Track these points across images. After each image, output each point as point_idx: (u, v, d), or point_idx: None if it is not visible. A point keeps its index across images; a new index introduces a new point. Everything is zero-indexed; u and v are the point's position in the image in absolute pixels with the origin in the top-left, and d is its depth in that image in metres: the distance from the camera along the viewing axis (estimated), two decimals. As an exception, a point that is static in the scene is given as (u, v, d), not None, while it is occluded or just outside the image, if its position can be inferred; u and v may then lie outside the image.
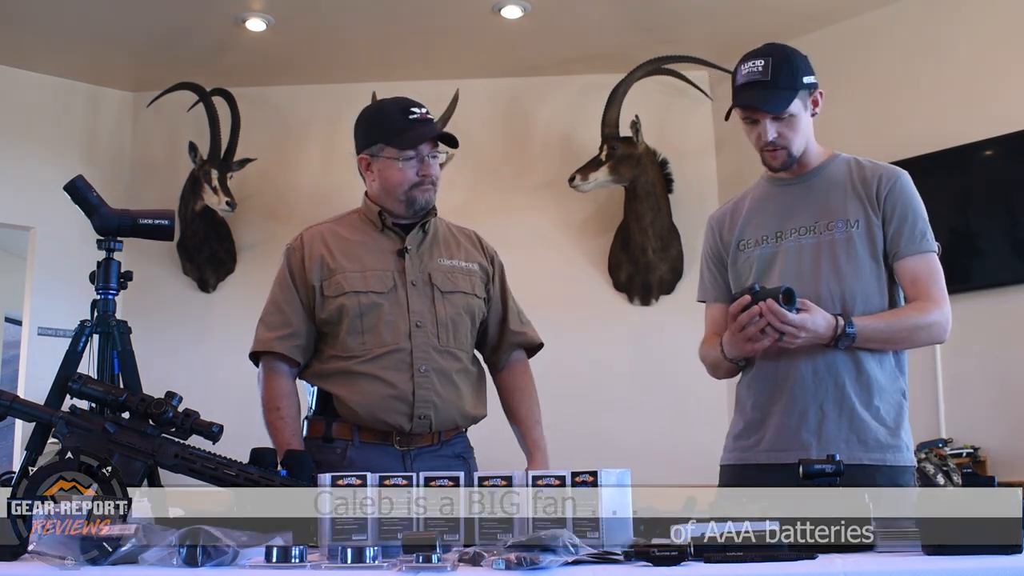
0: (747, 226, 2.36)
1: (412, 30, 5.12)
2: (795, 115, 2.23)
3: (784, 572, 1.37)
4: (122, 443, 1.83)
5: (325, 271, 2.41)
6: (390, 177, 2.41)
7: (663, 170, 5.29)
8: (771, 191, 2.37)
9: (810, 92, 2.25)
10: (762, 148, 2.28)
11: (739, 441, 2.32)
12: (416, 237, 2.46)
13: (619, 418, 5.17)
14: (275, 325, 2.42)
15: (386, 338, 2.35)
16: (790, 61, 2.23)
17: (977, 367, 4.46)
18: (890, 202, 2.25)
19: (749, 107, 2.23)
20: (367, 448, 2.34)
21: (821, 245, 2.26)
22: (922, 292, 2.24)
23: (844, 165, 2.33)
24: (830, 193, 2.29)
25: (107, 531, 1.45)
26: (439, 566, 1.38)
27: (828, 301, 2.21)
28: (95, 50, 5.33)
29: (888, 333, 2.21)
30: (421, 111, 2.40)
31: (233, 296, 5.58)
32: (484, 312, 2.52)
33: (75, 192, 2.77)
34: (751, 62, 2.24)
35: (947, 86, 4.69)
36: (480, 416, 2.49)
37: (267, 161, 5.60)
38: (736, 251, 2.36)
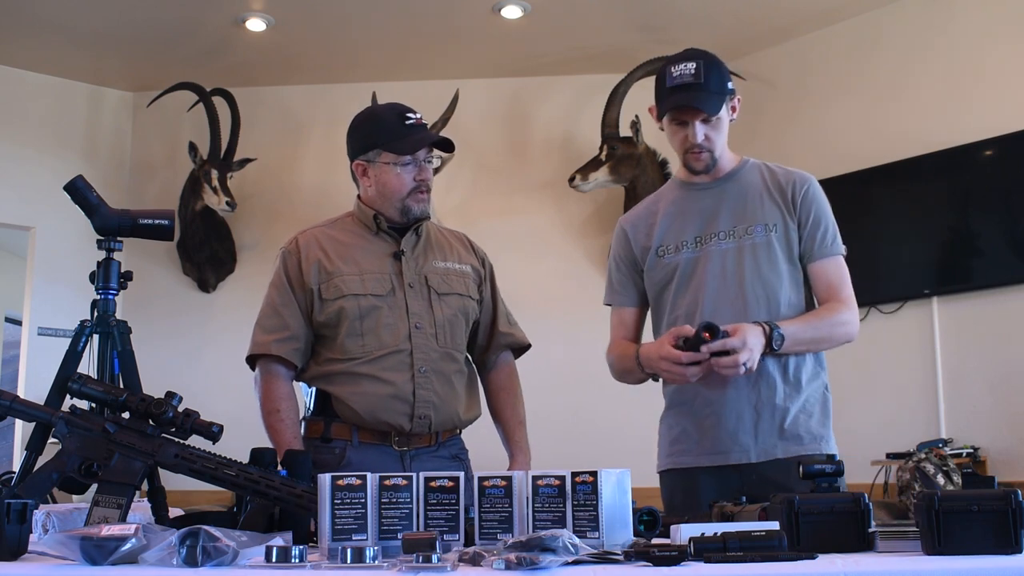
0: (666, 232, 2.39)
1: (412, 30, 5.12)
2: (721, 118, 2.30)
3: (784, 572, 1.37)
4: (122, 443, 1.83)
5: (323, 274, 2.40)
6: (387, 183, 2.41)
7: (663, 170, 5.28)
8: (687, 196, 2.40)
9: (731, 98, 2.33)
10: (687, 150, 2.33)
11: (676, 446, 2.36)
12: (410, 240, 2.47)
13: (619, 418, 5.16)
14: (272, 328, 2.41)
15: (386, 340, 2.36)
16: (718, 66, 2.31)
17: (977, 367, 4.46)
18: (804, 207, 2.32)
19: (686, 107, 2.28)
20: (366, 448, 2.35)
21: (742, 248, 2.31)
22: (834, 294, 2.31)
23: (756, 171, 2.39)
24: (747, 198, 2.35)
25: (107, 531, 1.45)
26: (439, 566, 1.38)
27: (754, 303, 2.27)
28: (95, 50, 5.33)
29: (812, 335, 2.27)
30: (416, 116, 2.42)
31: (233, 296, 5.58)
32: (477, 313, 2.53)
33: (75, 192, 2.77)
34: (682, 64, 2.30)
35: (947, 86, 4.69)
36: (475, 417, 2.51)
37: (267, 161, 5.61)
38: (655, 257, 2.39)
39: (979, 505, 1.44)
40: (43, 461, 1.91)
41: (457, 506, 1.65)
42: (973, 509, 1.44)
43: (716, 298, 2.28)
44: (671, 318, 2.36)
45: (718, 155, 2.33)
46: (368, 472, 1.68)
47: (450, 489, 1.65)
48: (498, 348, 2.58)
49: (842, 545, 1.54)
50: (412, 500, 1.64)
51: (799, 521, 1.55)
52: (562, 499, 1.63)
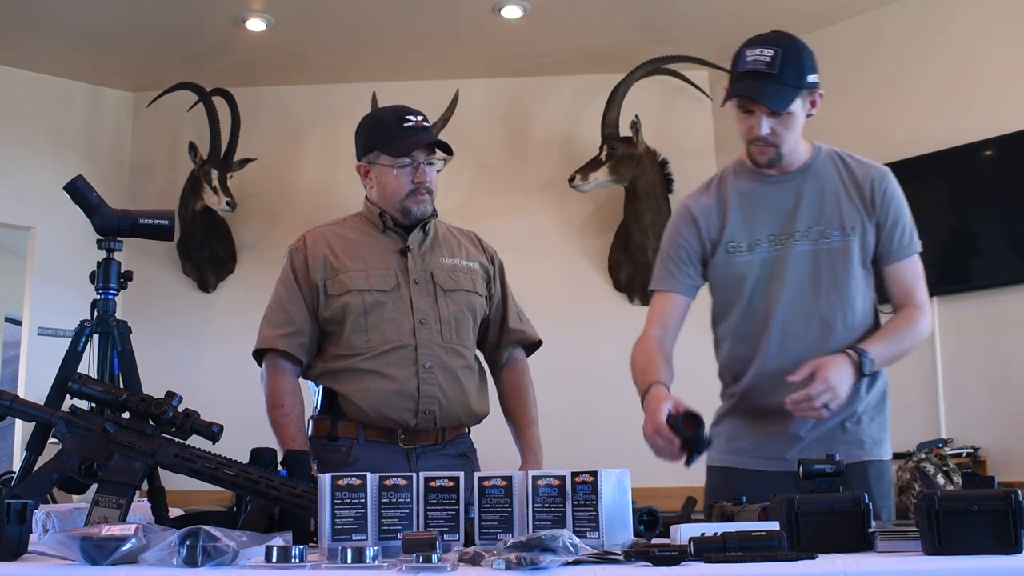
0: (738, 227, 2.26)
1: (412, 30, 5.12)
2: (793, 114, 2.15)
3: (784, 572, 1.37)
4: (122, 443, 1.83)
5: (329, 270, 2.43)
6: (386, 185, 2.44)
7: (663, 170, 5.28)
8: (758, 189, 2.27)
9: (811, 92, 2.17)
10: (751, 141, 2.19)
11: (733, 443, 2.31)
12: (417, 237, 2.49)
13: (618, 418, 5.15)
14: (279, 323, 2.44)
15: (390, 335, 2.38)
16: (798, 57, 2.14)
17: (977, 367, 4.46)
18: (884, 207, 2.22)
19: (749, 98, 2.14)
20: (372, 446, 2.37)
21: (819, 253, 2.21)
22: (909, 298, 2.24)
23: (831, 162, 2.26)
24: (824, 195, 2.23)
25: (107, 531, 1.45)
26: (439, 566, 1.38)
27: (829, 314, 2.20)
28: (95, 50, 5.33)
29: (897, 350, 2.22)
30: (417, 119, 2.43)
31: (233, 296, 5.58)
32: (485, 310, 2.55)
33: (75, 192, 2.77)
34: (758, 50, 2.14)
35: (947, 86, 4.69)
36: (483, 414, 2.50)
37: (267, 161, 5.60)
38: (725, 253, 2.27)
39: (979, 505, 1.44)
40: (43, 461, 1.91)
41: (457, 506, 1.65)
42: (973, 509, 1.44)
43: (790, 308, 2.19)
44: (740, 323, 2.26)
45: (786, 151, 2.19)
46: (373, 470, 1.68)
47: (450, 489, 1.65)
48: (508, 344, 2.59)
49: (842, 545, 1.54)
50: (412, 500, 1.64)
51: (799, 521, 1.55)
52: (562, 499, 1.63)
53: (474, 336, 2.52)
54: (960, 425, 4.45)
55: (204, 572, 1.39)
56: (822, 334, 2.20)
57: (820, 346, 2.18)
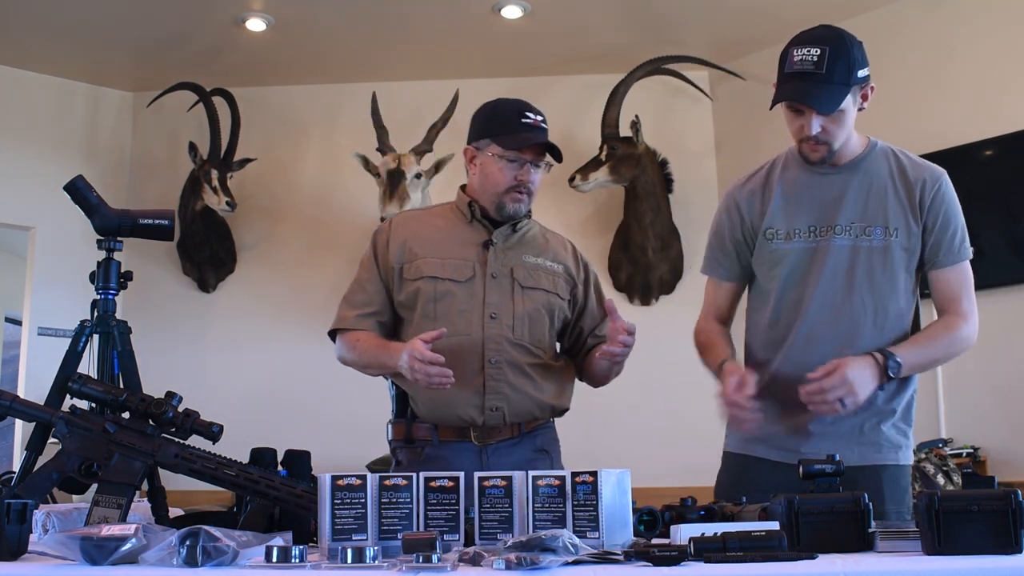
0: (778, 214, 2.23)
1: (412, 30, 5.12)
2: (844, 111, 2.10)
3: (784, 572, 1.37)
4: (122, 443, 1.83)
5: (407, 254, 2.42)
6: (489, 174, 2.42)
7: (663, 170, 5.28)
8: (806, 179, 2.23)
9: (862, 87, 2.13)
10: (802, 140, 2.16)
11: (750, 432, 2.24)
12: (504, 232, 2.45)
13: (618, 418, 5.17)
14: (358, 303, 2.44)
15: (459, 326, 2.34)
16: (847, 53, 2.09)
17: (977, 367, 4.46)
18: (933, 210, 2.17)
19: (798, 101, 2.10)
20: (445, 446, 2.34)
21: (858, 250, 2.16)
22: (953, 305, 2.18)
23: (884, 159, 2.22)
24: (871, 192, 2.18)
25: (107, 531, 1.45)
26: (439, 566, 1.38)
27: (860, 311, 2.16)
28: (95, 50, 5.33)
29: (930, 357, 2.18)
30: (536, 118, 2.40)
31: (233, 296, 5.58)
32: (566, 313, 2.48)
33: (75, 192, 2.78)
34: (805, 48, 2.10)
35: (947, 86, 4.69)
36: (562, 407, 2.46)
37: (267, 161, 5.60)
38: (763, 239, 2.24)
39: (979, 505, 1.44)
40: (43, 461, 1.91)
41: (457, 506, 1.65)
42: (973, 509, 1.44)
43: (822, 301, 2.16)
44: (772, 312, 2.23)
45: (837, 147, 2.14)
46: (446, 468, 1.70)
47: (450, 489, 1.65)
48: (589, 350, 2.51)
49: (842, 545, 1.54)
50: (412, 500, 1.64)
51: (799, 521, 1.55)
52: (562, 499, 1.63)
53: (551, 337, 2.45)
54: (960, 425, 4.45)
55: (204, 572, 1.39)
56: (850, 332, 2.16)
57: (846, 345, 2.14)
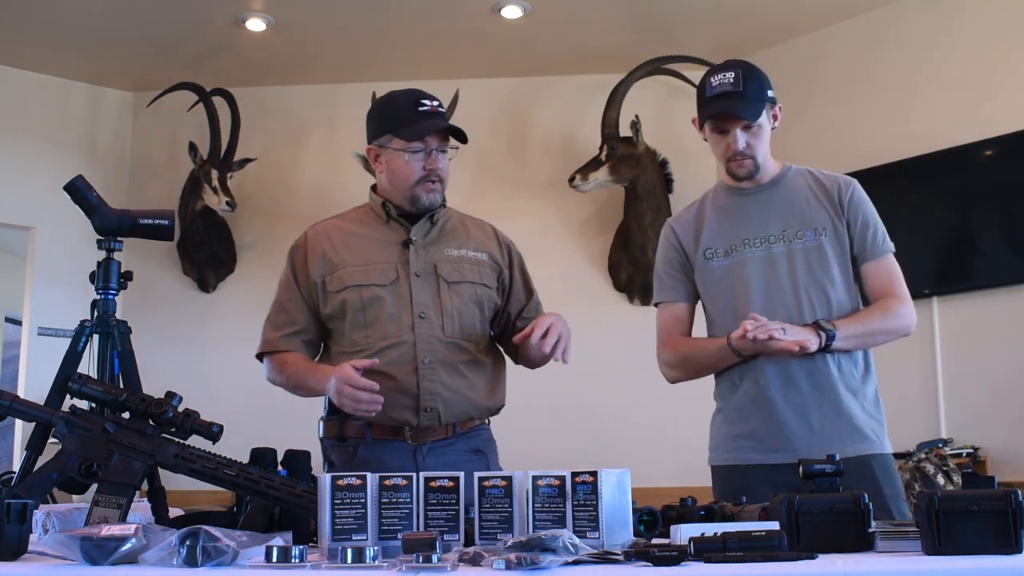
0: (712, 235, 2.42)
1: (412, 30, 5.12)
2: (762, 126, 2.35)
3: (784, 572, 1.37)
4: (122, 443, 1.83)
5: (327, 266, 2.39)
6: (397, 170, 2.38)
7: (663, 170, 5.28)
8: (733, 200, 2.44)
9: (772, 106, 2.37)
10: (729, 158, 2.38)
11: (735, 441, 2.36)
12: (423, 228, 2.42)
13: (618, 418, 5.17)
14: (281, 324, 2.42)
15: (389, 331, 2.32)
16: (757, 75, 2.35)
17: (977, 367, 4.46)
18: (852, 209, 2.36)
19: (726, 115, 2.32)
20: (379, 445, 2.32)
21: (793, 253, 2.34)
22: (887, 290, 2.34)
23: (800, 176, 2.43)
24: (794, 203, 2.39)
25: (107, 531, 1.45)
26: (439, 566, 1.38)
27: (808, 307, 2.31)
28: (95, 50, 5.33)
29: (864, 328, 2.30)
30: (432, 104, 2.37)
31: (233, 296, 5.58)
32: (496, 301, 2.47)
33: (75, 192, 2.77)
34: (721, 75, 2.34)
35: (947, 86, 4.69)
36: (496, 407, 2.44)
37: (267, 161, 5.60)
38: (703, 260, 2.42)
39: (979, 505, 1.44)
40: (43, 461, 1.91)
41: (457, 506, 1.65)
42: (973, 509, 1.44)
43: (769, 306, 2.30)
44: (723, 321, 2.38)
45: (761, 161, 2.37)
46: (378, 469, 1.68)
47: (450, 489, 1.65)
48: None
49: (842, 545, 1.54)
50: (412, 500, 1.64)
51: (799, 521, 1.55)
52: (562, 499, 1.63)
53: (483, 329, 2.44)
54: (960, 425, 4.45)
55: (204, 572, 1.39)
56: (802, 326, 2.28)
57: None
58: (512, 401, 2.51)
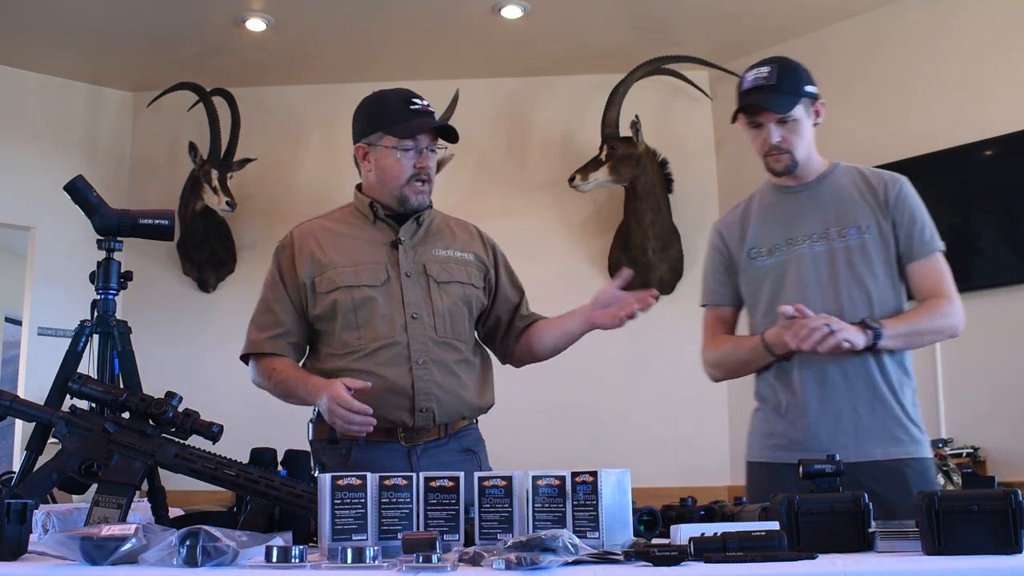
0: (757, 234, 2.41)
1: (412, 30, 5.12)
2: (798, 120, 2.31)
3: (784, 572, 1.37)
4: (122, 443, 1.83)
5: (316, 267, 2.38)
6: (387, 168, 2.37)
7: (663, 170, 5.28)
8: (778, 199, 2.42)
9: (812, 101, 2.34)
10: (766, 153, 2.35)
11: (770, 440, 2.35)
12: (410, 228, 2.42)
13: (618, 418, 5.17)
14: (266, 325, 2.40)
15: (381, 332, 2.32)
16: (794, 69, 2.33)
17: (977, 367, 4.46)
18: (899, 207, 2.33)
19: (755, 107, 2.30)
20: (372, 447, 2.30)
21: (835, 252, 2.32)
22: (934, 290, 2.31)
23: (846, 174, 2.40)
24: (839, 200, 2.36)
25: (107, 531, 1.45)
26: (439, 566, 1.38)
27: (849, 306, 2.27)
28: (95, 50, 5.33)
29: (911, 330, 2.27)
30: (422, 103, 2.37)
31: (233, 296, 5.58)
32: (483, 302, 2.48)
33: (75, 192, 2.78)
34: (756, 69, 2.33)
35: (947, 86, 4.69)
36: (487, 406, 2.45)
37: (267, 161, 5.60)
38: (748, 259, 2.41)
39: (979, 505, 1.45)
40: (43, 461, 1.91)
41: (457, 506, 1.65)
42: (973, 509, 1.44)
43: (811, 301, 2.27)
44: (766, 321, 2.36)
45: (800, 157, 2.34)
46: (374, 471, 1.67)
47: (450, 489, 1.65)
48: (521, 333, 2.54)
49: (842, 545, 1.54)
50: (412, 500, 1.64)
51: (799, 521, 1.55)
52: (562, 499, 1.63)
53: (471, 329, 2.45)
54: (960, 425, 4.45)
55: (204, 572, 1.39)
56: None
57: None
58: (513, 401, 2.52)
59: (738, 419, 5.16)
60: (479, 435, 2.47)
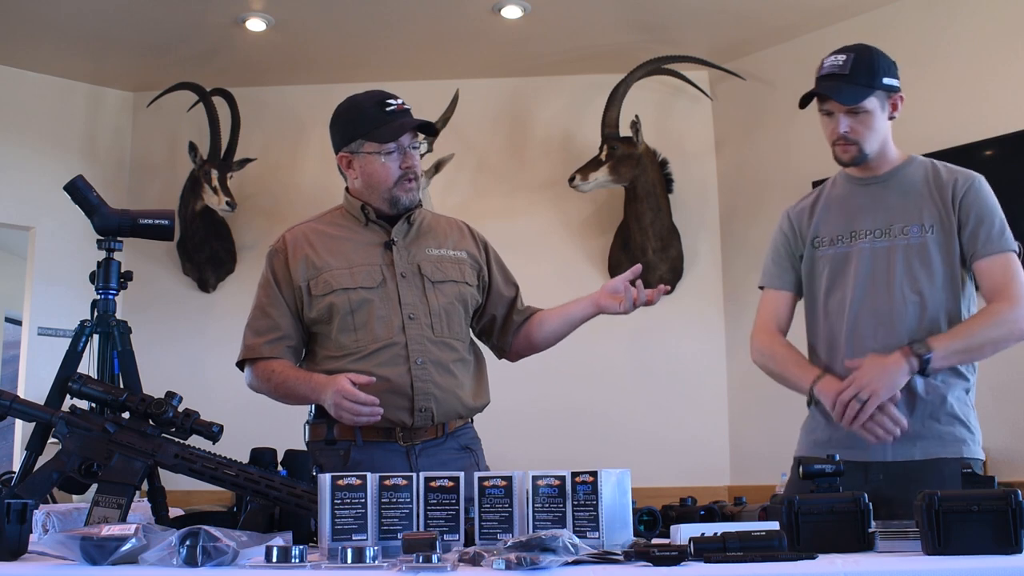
0: (822, 223, 2.39)
1: (412, 30, 5.12)
2: (869, 112, 2.29)
3: (784, 572, 1.37)
4: (122, 443, 1.83)
5: (311, 270, 2.38)
6: (374, 173, 2.38)
7: (663, 170, 5.28)
8: (848, 190, 2.40)
9: (889, 94, 2.33)
10: (834, 142, 2.33)
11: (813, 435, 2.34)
12: (402, 228, 2.43)
13: (619, 418, 5.17)
14: (263, 329, 2.39)
15: (379, 333, 2.32)
16: (872, 60, 2.30)
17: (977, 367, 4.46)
18: (965, 205, 2.28)
19: (823, 96, 2.28)
20: (370, 447, 2.31)
21: (894, 248, 2.29)
22: (998, 293, 2.24)
23: (921, 168, 2.37)
24: (906, 196, 2.32)
25: (107, 531, 1.45)
26: (439, 566, 1.38)
27: (901, 305, 2.24)
28: (95, 50, 5.33)
29: (968, 343, 2.22)
30: (397, 102, 2.37)
31: (233, 296, 5.57)
32: (478, 299, 2.49)
33: (75, 192, 2.78)
34: (835, 56, 2.30)
35: (947, 86, 4.69)
36: (482, 405, 2.46)
37: (267, 161, 5.60)
38: (811, 248, 2.40)
39: (979, 505, 1.45)
40: (43, 461, 1.91)
41: (457, 506, 1.65)
42: (973, 509, 1.44)
43: (863, 298, 2.27)
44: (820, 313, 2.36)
45: (868, 149, 2.31)
46: (373, 471, 1.67)
47: (450, 489, 1.65)
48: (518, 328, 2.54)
49: (842, 545, 1.54)
50: (412, 500, 1.64)
51: (799, 521, 1.55)
52: (562, 499, 1.63)
53: (466, 327, 2.46)
54: (960, 425, 4.45)
55: (204, 572, 1.39)
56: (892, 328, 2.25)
57: (890, 338, 2.24)
58: (513, 401, 2.52)
59: (738, 419, 5.16)
60: (475, 434, 2.48)
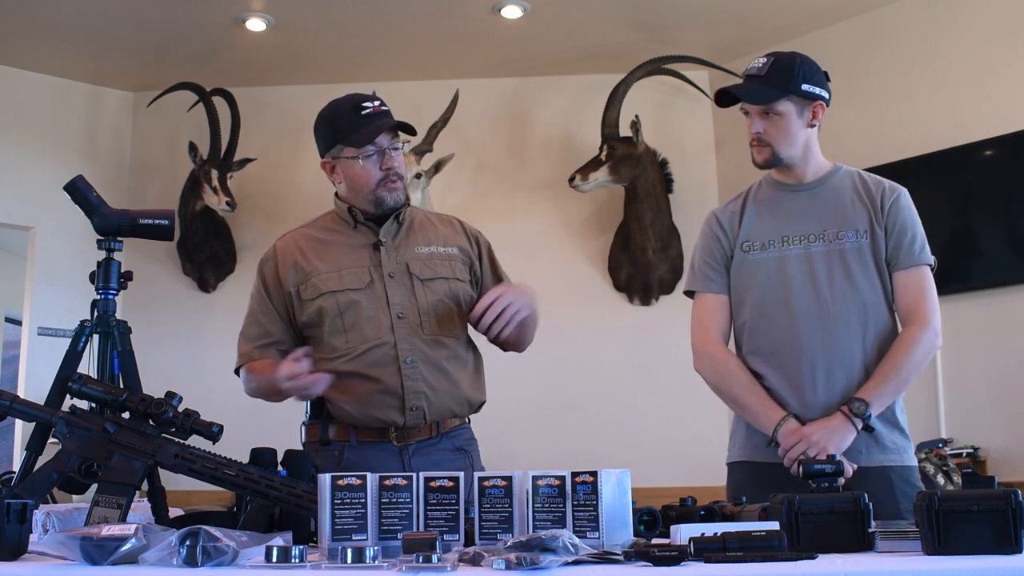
0: (752, 228, 2.38)
1: (412, 30, 5.12)
2: (782, 115, 2.28)
3: (784, 572, 1.37)
4: (122, 443, 1.83)
5: (300, 275, 2.40)
6: (355, 177, 2.41)
7: (663, 170, 5.28)
8: (776, 196, 2.40)
9: (810, 101, 2.30)
10: (750, 142, 2.34)
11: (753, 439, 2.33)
12: (391, 229, 2.44)
13: (618, 418, 5.17)
14: (254, 336, 2.43)
15: (368, 333, 2.33)
16: (791, 65, 2.28)
17: (977, 367, 4.46)
18: (892, 214, 2.31)
19: (732, 94, 2.31)
20: (365, 447, 2.33)
21: (831, 253, 2.30)
22: (912, 306, 2.29)
23: (848, 178, 2.38)
24: (838, 203, 2.34)
25: (107, 531, 1.45)
26: (439, 566, 1.38)
27: (843, 309, 2.26)
28: (95, 50, 5.33)
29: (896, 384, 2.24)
30: (374, 104, 2.39)
31: (233, 296, 5.57)
32: (471, 294, 2.47)
33: (75, 192, 2.78)
34: (758, 59, 2.32)
35: (947, 86, 4.69)
36: (478, 402, 2.45)
37: (267, 161, 5.60)
38: (740, 252, 2.38)
39: (979, 505, 1.44)
40: (43, 461, 1.91)
41: (457, 506, 1.65)
42: (973, 509, 1.44)
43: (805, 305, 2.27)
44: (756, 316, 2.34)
45: (782, 153, 2.31)
46: (367, 471, 1.67)
47: (450, 489, 1.65)
48: None
49: (842, 545, 1.54)
50: (412, 500, 1.64)
51: (799, 521, 1.55)
52: (562, 499, 1.63)
53: (462, 324, 2.44)
54: (960, 425, 4.45)
55: (204, 572, 1.39)
56: (834, 332, 2.27)
57: (831, 343, 2.26)
58: (512, 401, 2.52)
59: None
60: (471, 435, 2.48)
